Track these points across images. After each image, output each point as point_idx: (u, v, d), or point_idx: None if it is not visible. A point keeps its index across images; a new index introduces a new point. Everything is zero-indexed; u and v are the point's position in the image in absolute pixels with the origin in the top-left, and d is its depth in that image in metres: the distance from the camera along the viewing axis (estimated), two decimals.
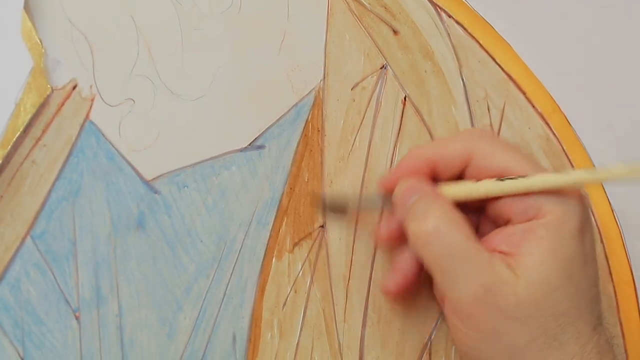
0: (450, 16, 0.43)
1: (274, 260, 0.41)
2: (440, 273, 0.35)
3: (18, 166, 0.41)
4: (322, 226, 0.41)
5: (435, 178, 0.37)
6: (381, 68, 0.42)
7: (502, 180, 0.35)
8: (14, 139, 0.41)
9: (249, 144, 0.42)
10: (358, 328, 0.41)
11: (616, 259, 0.41)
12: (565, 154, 0.42)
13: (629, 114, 0.42)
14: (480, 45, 0.42)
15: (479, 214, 0.38)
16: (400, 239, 0.38)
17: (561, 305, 0.33)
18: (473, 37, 0.42)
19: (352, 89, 0.42)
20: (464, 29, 0.43)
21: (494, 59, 0.42)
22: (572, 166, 0.42)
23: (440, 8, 0.43)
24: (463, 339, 0.35)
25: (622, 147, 0.42)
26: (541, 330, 0.33)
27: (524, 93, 0.42)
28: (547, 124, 0.42)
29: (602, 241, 0.41)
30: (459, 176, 0.37)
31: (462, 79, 0.42)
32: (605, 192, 0.42)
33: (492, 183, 0.35)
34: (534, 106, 0.42)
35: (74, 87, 0.41)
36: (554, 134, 0.42)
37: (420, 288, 0.40)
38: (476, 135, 0.37)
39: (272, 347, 0.41)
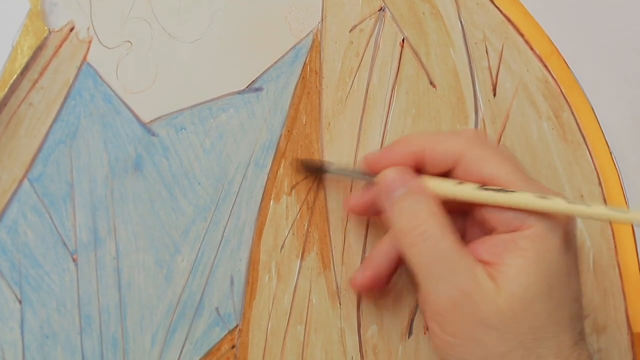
0: None
1: (271, 202, 0.41)
2: (423, 274, 0.35)
3: (15, 109, 0.41)
4: (325, 165, 0.41)
5: (420, 171, 0.37)
6: (379, 10, 0.42)
7: (484, 188, 0.35)
8: (11, 82, 0.41)
9: (247, 87, 0.42)
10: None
11: (614, 200, 0.41)
12: (564, 96, 0.42)
13: (627, 55, 0.42)
14: None
15: (465, 216, 0.38)
16: (370, 212, 0.39)
17: (540, 319, 0.33)
18: None
19: (350, 31, 0.42)
20: None
21: (492, 1, 0.42)
22: (571, 109, 0.42)
23: None
24: (441, 344, 0.35)
25: (621, 88, 0.42)
26: (518, 342, 0.33)
27: (522, 35, 0.42)
28: (546, 67, 0.42)
29: (600, 184, 0.41)
30: (445, 174, 0.37)
31: (461, 21, 0.42)
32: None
33: (472, 189, 0.35)
34: (532, 49, 0.42)
35: (71, 29, 0.41)
36: (552, 76, 0.42)
37: None
38: (471, 137, 0.37)
39: (269, 290, 0.41)
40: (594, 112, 0.42)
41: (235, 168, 0.41)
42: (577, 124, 0.42)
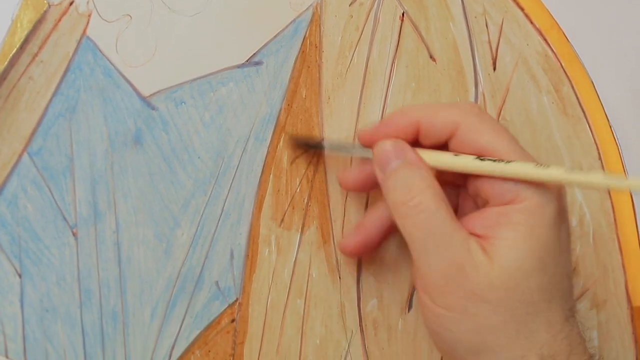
0: None
1: (271, 176, 0.41)
2: (416, 246, 0.35)
3: (15, 82, 0.41)
4: (320, 142, 0.41)
5: (416, 143, 0.37)
6: None
7: (481, 159, 0.35)
8: (11, 55, 0.41)
9: (247, 60, 0.42)
10: None
11: (613, 169, 0.41)
12: (564, 70, 0.42)
13: (628, 28, 0.42)
14: None
15: (459, 189, 0.38)
16: (365, 188, 0.38)
17: (533, 293, 0.33)
18: None
19: (350, 5, 0.42)
20: None
21: None
22: (571, 82, 0.42)
23: None
24: (432, 317, 0.35)
25: (621, 62, 0.42)
26: (510, 316, 0.33)
27: (522, 9, 0.42)
28: (546, 41, 0.42)
29: (599, 157, 0.41)
30: (441, 147, 0.37)
31: None
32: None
33: (470, 160, 0.35)
34: (532, 22, 0.42)
35: (71, 3, 0.41)
36: (552, 50, 0.42)
37: None
38: (467, 109, 0.37)
39: (269, 264, 0.41)
40: (594, 86, 0.42)
41: (235, 142, 0.41)
42: (577, 97, 0.42)
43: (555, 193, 0.35)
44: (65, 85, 0.41)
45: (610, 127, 0.42)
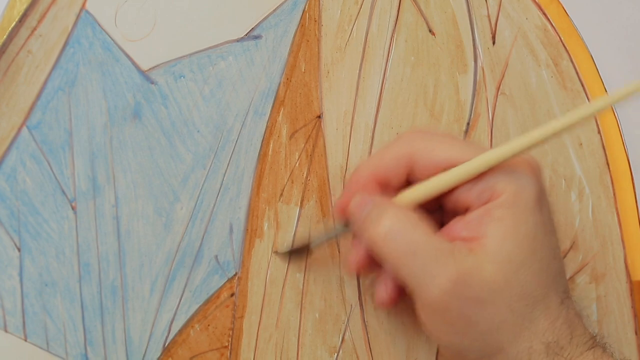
0: None
1: (270, 150, 0.41)
2: (405, 273, 0.34)
3: (14, 56, 0.41)
4: (319, 116, 0.41)
5: (386, 191, 0.37)
6: None
7: (447, 172, 0.35)
8: (10, 29, 0.40)
9: (246, 34, 0.42)
10: None
11: (614, 147, 0.41)
12: (563, 44, 0.42)
13: (626, 2, 0.42)
14: None
15: (439, 212, 0.38)
16: (372, 262, 0.37)
17: (528, 283, 0.33)
18: None
19: None
20: None
21: None
22: (570, 56, 0.42)
23: None
24: (437, 334, 0.35)
25: (619, 36, 0.42)
26: (510, 311, 0.33)
27: None
28: (545, 15, 0.42)
29: (599, 132, 0.41)
30: (408, 182, 0.37)
31: None
32: (603, 84, 0.42)
33: (440, 176, 0.35)
34: None
35: None
36: (551, 24, 0.42)
37: None
38: (411, 136, 0.37)
39: (268, 238, 0.41)
40: (593, 60, 0.42)
41: (234, 116, 0.41)
42: (576, 71, 0.42)
43: (531, 176, 0.34)
44: (64, 59, 0.41)
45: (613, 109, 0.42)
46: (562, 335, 0.34)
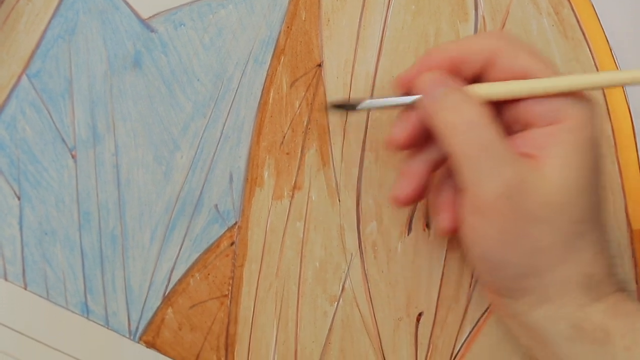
0: None
1: (270, 99, 0.41)
2: (466, 167, 0.33)
3: (13, 4, 0.41)
4: (319, 65, 0.41)
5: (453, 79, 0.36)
6: None
7: (531, 80, 0.34)
8: None
9: None
10: (355, 167, 0.41)
11: (615, 98, 0.41)
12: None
13: None
14: None
15: (501, 118, 0.36)
16: (417, 141, 0.36)
17: (583, 212, 0.33)
18: None
19: None
20: None
21: None
22: (571, 4, 0.41)
23: None
24: (479, 240, 0.34)
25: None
26: (561, 235, 0.33)
27: None
28: None
29: None
30: (479, 79, 0.36)
31: None
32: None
33: (521, 82, 0.34)
34: None
35: None
36: None
37: None
38: (499, 34, 0.36)
39: (269, 187, 0.41)
40: (594, 8, 0.41)
41: (234, 64, 0.41)
42: (577, 20, 0.42)
43: (595, 110, 0.34)
44: (64, 7, 0.41)
45: (610, 49, 0.41)
46: (599, 272, 0.33)
